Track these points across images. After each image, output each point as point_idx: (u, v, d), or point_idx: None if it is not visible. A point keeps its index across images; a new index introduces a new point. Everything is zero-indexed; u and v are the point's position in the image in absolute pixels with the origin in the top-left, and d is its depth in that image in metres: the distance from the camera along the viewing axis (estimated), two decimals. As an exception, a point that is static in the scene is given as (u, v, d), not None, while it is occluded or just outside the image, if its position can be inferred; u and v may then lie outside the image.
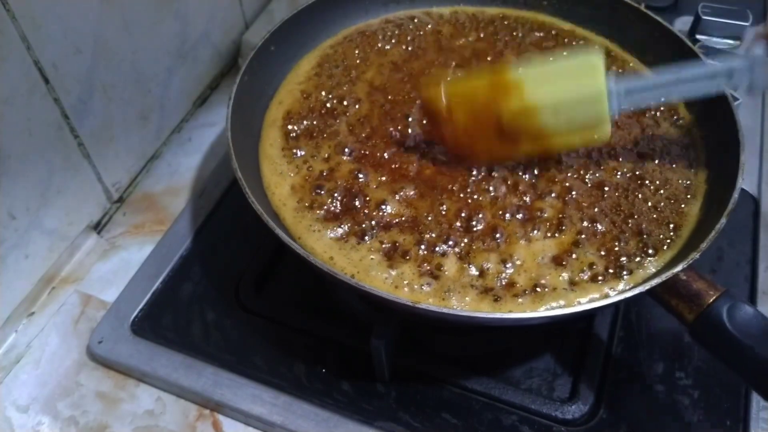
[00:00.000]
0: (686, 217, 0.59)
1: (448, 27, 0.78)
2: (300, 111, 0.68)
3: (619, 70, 0.72)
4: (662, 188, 0.61)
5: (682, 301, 0.50)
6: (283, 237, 0.52)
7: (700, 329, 0.49)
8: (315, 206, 0.59)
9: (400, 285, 0.54)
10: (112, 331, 0.63)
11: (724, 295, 0.49)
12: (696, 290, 0.50)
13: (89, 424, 0.59)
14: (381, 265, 0.55)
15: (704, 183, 0.61)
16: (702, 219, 0.58)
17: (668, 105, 0.68)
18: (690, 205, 0.60)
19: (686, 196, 0.60)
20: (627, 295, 0.50)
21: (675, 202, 0.60)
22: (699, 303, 0.49)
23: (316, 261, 0.51)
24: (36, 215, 0.63)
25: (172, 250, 0.69)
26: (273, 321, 0.64)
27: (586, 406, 0.58)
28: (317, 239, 0.57)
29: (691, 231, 0.58)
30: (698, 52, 0.67)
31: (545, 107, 0.54)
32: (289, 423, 0.57)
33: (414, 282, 0.54)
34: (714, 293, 0.49)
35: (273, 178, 0.63)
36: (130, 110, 0.73)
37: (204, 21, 0.82)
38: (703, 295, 0.49)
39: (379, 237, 0.57)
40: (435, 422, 0.57)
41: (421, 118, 0.67)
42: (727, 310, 0.48)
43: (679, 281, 0.50)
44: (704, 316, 0.49)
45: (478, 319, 0.50)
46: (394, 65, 0.73)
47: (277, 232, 0.53)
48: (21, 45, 0.56)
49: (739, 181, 0.55)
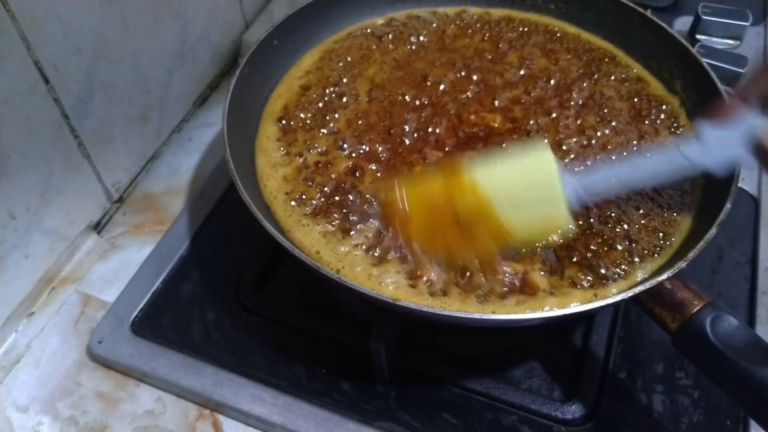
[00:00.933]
0: (678, 226, 0.58)
1: (453, 27, 0.78)
2: (298, 105, 0.69)
3: (622, 75, 0.72)
4: (656, 196, 0.60)
5: (666, 310, 0.49)
6: (268, 227, 0.53)
7: (682, 339, 0.49)
8: (305, 200, 0.60)
9: (384, 282, 0.54)
10: (112, 331, 0.63)
11: (709, 305, 0.48)
12: (680, 299, 0.49)
13: (89, 424, 0.59)
14: (366, 261, 0.56)
15: (699, 191, 0.61)
16: (694, 228, 0.58)
17: (670, 113, 0.68)
18: (683, 214, 0.59)
19: (680, 204, 0.60)
20: (610, 302, 0.49)
21: (668, 210, 0.59)
22: (683, 312, 0.49)
23: (300, 254, 0.52)
24: (36, 215, 0.63)
25: (172, 250, 0.69)
26: (273, 321, 0.64)
27: (586, 406, 0.58)
28: (306, 233, 0.58)
29: (682, 240, 0.57)
30: (703, 63, 0.66)
31: (501, 203, 0.52)
32: (289, 423, 0.57)
33: (400, 280, 0.54)
34: (698, 303, 0.48)
35: (266, 170, 0.63)
36: (130, 110, 0.73)
37: (204, 21, 0.82)
38: (687, 305, 0.49)
39: (368, 233, 0.57)
40: (435, 422, 0.57)
41: (420, 117, 0.67)
42: (710, 320, 0.47)
43: (664, 290, 0.50)
44: (687, 325, 0.48)
45: (460, 318, 0.50)
46: (397, 63, 0.73)
47: (265, 224, 0.53)
48: (21, 45, 0.56)
49: (732, 192, 0.54)
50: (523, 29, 0.78)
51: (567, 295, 0.54)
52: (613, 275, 0.55)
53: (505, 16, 0.79)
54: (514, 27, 0.78)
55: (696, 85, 0.68)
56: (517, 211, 0.51)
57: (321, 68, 0.73)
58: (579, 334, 0.62)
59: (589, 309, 0.50)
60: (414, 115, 0.67)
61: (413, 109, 0.68)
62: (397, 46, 0.76)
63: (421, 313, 0.49)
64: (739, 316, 0.63)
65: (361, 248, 0.57)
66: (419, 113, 0.67)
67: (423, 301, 0.53)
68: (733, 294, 0.66)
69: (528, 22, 0.79)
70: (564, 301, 0.53)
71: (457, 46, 0.76)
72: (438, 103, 0.69)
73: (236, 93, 0.64)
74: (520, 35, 0.77)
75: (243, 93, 0.65)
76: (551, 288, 0.54)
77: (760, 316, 0.64)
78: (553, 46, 0.76)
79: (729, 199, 0.54)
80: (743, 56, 0.82)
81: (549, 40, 0.77)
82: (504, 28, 0.78)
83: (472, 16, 0.80)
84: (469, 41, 0.76)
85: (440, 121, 0.67)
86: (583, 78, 0.72)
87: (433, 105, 0.69)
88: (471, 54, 0.74)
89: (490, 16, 0.79)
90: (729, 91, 0.65)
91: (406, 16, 0.80)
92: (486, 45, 0.76)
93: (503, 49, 0.75)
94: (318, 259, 0.56)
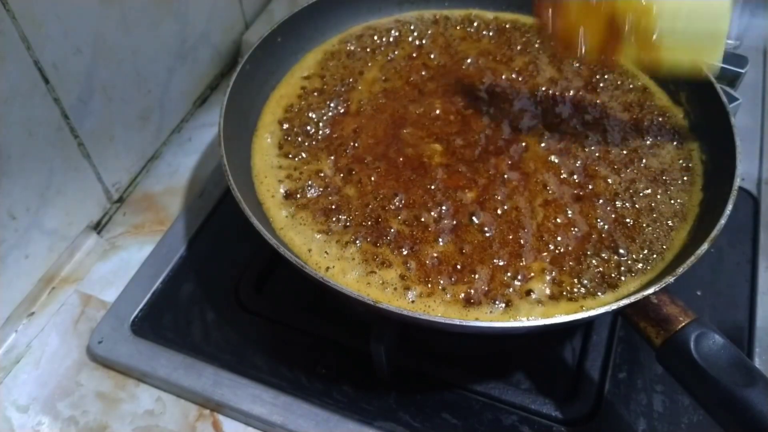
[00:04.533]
0: (672, 240, 0.58)
1: (459, 30, 0.78)
2: (298, 105, 0.69)
3: (626, 85, 0.72)
4: (652, 210, 0.60)
5: (650, 325, 0.49)
6: (255, 223, 0.53)
7: (666, 355, 0.48)
8: (300, 199, 0.60)
9: (372, 283, 0.54)
10: (112, 331, 0.63)
11: (695, 322, 0.48)
12: (665, 315, 0.48)
13: (89, 424, 0.59)
14: (358, 261, 0.56)
15: (697, 206, 0.61)
16: (688, 243, 0.57)
17: (672, 125, 0.67)
18: (679, 228, 0.59)
19: (676, 218, 0.60)
20: (593, 314, 0.49)
21: (663, 223, 0.59)
22: (667, 328, 0.48)
23: (286, 252, 0.52)
24: (36, 215, 0.63)
25: (172, 250, 0.69)
26: (273, 321, 0.64)
27: (586, 407, 0.58)
28: (299, 232, 0.58)
29: (675, 254, 0.57)
30: (710, 76, 0.65)
31: (664, 10, 0.53)
32: (289, 423, 0.57)
33: (387, 282, 0.54)
34: (684, 320, 0.48)
35: (263, 168, 0.63)
36: (130, 110, 0.73)
37: (204, 21, 0.82)
38: (673, 321, 0.48)
39: (360, 234, 0.58)
40: (435, 422, 0.57)
41: (419, 117, 0.67)
42: (695, 337, 0.47)
43: (650, 304, 0.49)
44: (671, 341, 0.48)
45: (441, 324, 0.50)
46: (400, 64, 0.73)
47: (253, 220, 0.53)
48: (21, 45, 0.56)
49: (727, 210, 0.54)
50: (531, 34, 0.77)
51: (554, 306, 0.54)
52: (602, 288, 0.55)
53: (513, 21, 0.79)
54: (523, 31, 0.78)
55: (701, 99, 0.66)
56: (677, 20, 0.52)
57: (323, 68, 0.73)
58: (579, 335, 0.62)
59: (571, 321, 0.49)
60: (413, 112, 0.68)
61: (413, 108, 0.68)
62: (400, 46, 0.76)
63: (401, 317, 0.49)
64: (739, 316, 0.64)
65: (355, 248, 0.57)
66: (421, 117, 0.68)
67: (406, 305, 0.53)
68: (733, 294, 0.66)
69: (537, 27, 0.78)
70: (549, 311, 0.53)
71: (463, 48, 0.76)
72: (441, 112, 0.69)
73: (236, 89, 0.64)
74: (528, 40, 0.76)
75: (243, 90, 0.65)
76: (539, 297, 0.54)
77: (760, 317, 0.64)
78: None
79: (723, 216, 0.54)
80: (743, 56, 0.82)
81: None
82: (511, 32, 0.77)
83: (479, 20, 0.79)
84: (474, 44, 0.76)
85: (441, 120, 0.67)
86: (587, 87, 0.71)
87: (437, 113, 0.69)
88: (476, 54, 0.74)
89: (497, 20, 0.79)
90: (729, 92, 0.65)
91: (411, 18, 0.79)
92: (492, 48, 0.76)
93: (510, 54, 0.75)
94: (308, 258, 0.56)
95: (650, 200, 0.61)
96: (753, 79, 0.86)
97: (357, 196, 0.61)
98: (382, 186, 0.61)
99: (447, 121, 0.67)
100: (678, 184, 0.62)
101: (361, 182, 0.62)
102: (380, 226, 0.58)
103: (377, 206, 0.60)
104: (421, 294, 0.54)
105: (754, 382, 0.44)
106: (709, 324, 0.48)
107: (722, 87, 0.65)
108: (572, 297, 0.54)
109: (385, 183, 0.62)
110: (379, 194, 0.60)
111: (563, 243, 0.57)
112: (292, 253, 0.53)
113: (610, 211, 0.60)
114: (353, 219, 0.59)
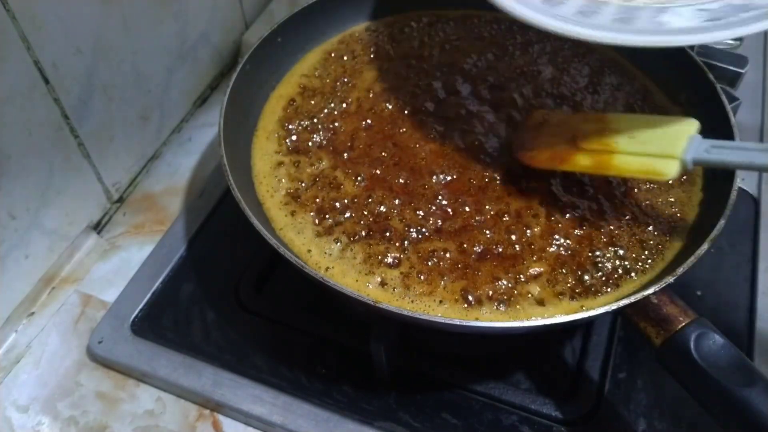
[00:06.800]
0: (672, 241, 0.58)
1: (461, 30, 0.78)
2: (300, 105, 0.69)
3: (626, 86, 0.72)
4: (652, 210, 0.60)
5: (650, 325, 0.49)
6: (255, 222, 0.53)
7: (666, 355, 0.48)
8: (299, 199, 0.60)
9: (372, 283, 0.54)
10: (112, 331, 0.63)
11: (695, 322, 0.48)
12: (665, 315, 0.48)
13: (89, 424, 0.59)
14: (358, 261, 0.56)
15: (697, 206, 0.60)
16: (688, 243, 0.57)
17: None
18: (679, 228, 0.59)
19: (676, 218, 0.60)
20: (593, 314, 0.49)
21: (663, 223, 0.59)
22: (667, 328, 0.48)
23: (285, 252, 0.52)
24: (36, 215, 0.63)
25: (172, 250, 0.69)
26: (273, 321, 0.64)
27: (586, 406, 0.58)
28: (298, 232, 0.58)
29: (675, 254, 0.57)
30: (711, 77, 0.65)
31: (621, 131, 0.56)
32: (289, 423, 0.57)
33: (387, 282, 0.54)
34: (684, 320, 0.48)
35: (263, 168, 0.63)
36: (130, 110, 0.73)
37: (204, 21, 0.82)
38: (673, 321, 0.48)
39: (360, 234, 0.58)
40: (435, 422, 0.57)
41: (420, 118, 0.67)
42: (695, 337, 0.46)
43: (650, 304, 0.49)
44: (671, 341, 0.47)
45: (441, 324, 0.50)
46: (400, 64, 0.73)
47: (252, 219, 0.53)
48: (21, 45, 0.56)
49: (727, 210, 0.54)
50: (530, 35, 0.77)
51: (554, 306, 0.54)
52: (602, 287, 0.55)
53: (511, 19, 0.79)
54: (522, 32, 0.78)
55: (701, 99, 0.66)
56: (634, 137, 0.55)
57: (323, 68, 0.73)
58: (579, 335, 0.62)
59: (571, 321, 0.49)
60: (413, 113, 0.67)
61: (413, 112, 0.68)
62: (400, 46, 0.76)
63: (401, 317, 0.49)
64: (739, 316, 0.64)
65: (355, 248, 0.57)
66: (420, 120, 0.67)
67: (406, 305, 0.53)
68: (733, 294, 0.66)
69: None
70: (549, 311, 0.53)
71: (463, 48, 0.76)
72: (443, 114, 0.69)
73: (236, 89, 0.64)
74: (528, 41, 0.76)
75: (243, 90, 0.65)
76: (539, 297, 0.54)
77: (760, 317, 0.64)
78: (565, 53, 0.75)
79: (723, 216, 0.53)
80: (743, 56, 0.82)
81: (559, 47, 0.76)
82: (517, 32, 0.77)
83: (481, 20, 0.79)
84: (475, 44, 0.76)
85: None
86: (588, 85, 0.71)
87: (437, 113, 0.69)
88: (476, 55, 0.74)
89: (498, 20, 0.79)
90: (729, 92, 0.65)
91: (411, 18, 0.79)
92: (491, 48, 0.76)
93: (509, 52, 0.75)
94: (308, 259, 0.56)
95: (650, 200, 0.61)
96: (753, 79, 0.86)
97: (357, 196, 0.61)
98: (382, 185, 0.61)
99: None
100: (678, 184, 0.62)
101: (362, 182, 0.62)
102: (380, 225, 0.58)
103: (377, 206, 0.60)
104: (421, 294, 0.54)
105: (754, 382, 0.44)
106: (709, 324, 0.48)
107: (722, 87, 0.65)
108: (572, 297, 0.54)
109: (386, 182, 0.62)
110: (379, 194, 0.61)
111: (563, 243, 0.57)
112: (292, 253, 0.53)
113: (609, 210, 0.60)
114: (353, 219, 0.59)
